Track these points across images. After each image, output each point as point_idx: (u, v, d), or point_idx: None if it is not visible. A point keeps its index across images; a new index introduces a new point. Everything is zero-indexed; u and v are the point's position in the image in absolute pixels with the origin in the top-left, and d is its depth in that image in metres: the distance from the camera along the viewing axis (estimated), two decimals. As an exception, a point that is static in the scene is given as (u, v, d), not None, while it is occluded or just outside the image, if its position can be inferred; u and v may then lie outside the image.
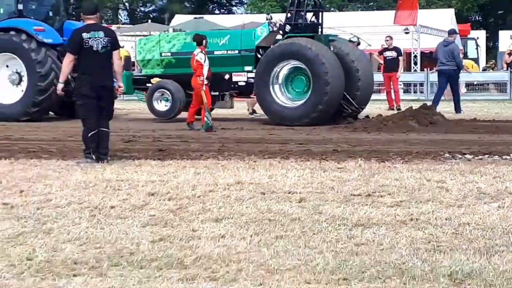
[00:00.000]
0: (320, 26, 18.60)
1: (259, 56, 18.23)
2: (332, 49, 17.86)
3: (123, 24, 53.77)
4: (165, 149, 12.38)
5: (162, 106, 18.79)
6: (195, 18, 36.99)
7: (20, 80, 19.13)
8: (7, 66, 19.29)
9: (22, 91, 19.01)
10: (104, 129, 10.89)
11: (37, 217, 6.98)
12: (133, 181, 9.00)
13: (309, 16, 18.75)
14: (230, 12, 62.43)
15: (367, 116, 18.43)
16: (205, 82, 15.99)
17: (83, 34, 10.74)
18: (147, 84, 19.32)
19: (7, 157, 11.17)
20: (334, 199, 7.81)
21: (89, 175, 9.46)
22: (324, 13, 19.06)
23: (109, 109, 11.10)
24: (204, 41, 16.34)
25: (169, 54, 19.12)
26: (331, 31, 20.51)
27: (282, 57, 17.57)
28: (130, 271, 5.38)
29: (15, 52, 18.91)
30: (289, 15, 18.51)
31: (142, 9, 65.06)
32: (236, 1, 65.62)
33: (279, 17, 19.61)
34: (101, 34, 10.82)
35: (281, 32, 18.41)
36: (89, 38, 10.69)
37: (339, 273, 5.30)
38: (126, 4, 62.92)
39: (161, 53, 19.23)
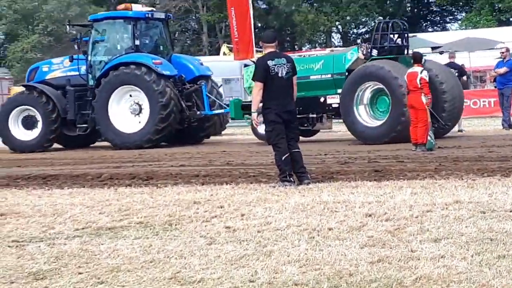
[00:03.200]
0: (406, 48, 19.56)
1: None
2: None
3: (336, 47, 54.26)
4: (381, 170, 12.33)
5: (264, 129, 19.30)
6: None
7: (140, 110, 20.62)
8: (130, 96, 20.83)
9: (139, 122, 20.64)
10: (296, 150, 11.08)
11: (258, 239, 7.17)
12: (350, 202, 9.03)
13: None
14: (444, 29, 61.28)
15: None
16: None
17: (268, 61, 10.99)
18: None
19: (229, 182, 11.57)
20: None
21: (307, 197, 9.60)
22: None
23: (296, 131, 11.34)
24: (423, 59, 16.25)
25: None
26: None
27: (363, 79, 18.48)
28: (349, 292, 5.41)
29: (136, 84, 20.41)
30: (375, 38, 19.34)
31: (355, 30, 65.30)
32: (450, 17, 64.40)
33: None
34: (284, 60, 11.11)
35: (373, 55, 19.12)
36: (274, 65, 10.95)
37: None
38: (339, 27, 63.41)
39: None
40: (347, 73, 19.12)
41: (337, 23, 61.39)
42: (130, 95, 20.88)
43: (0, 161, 18.20)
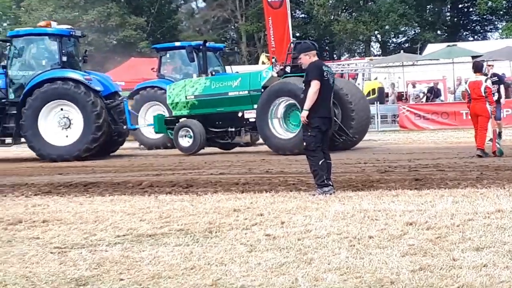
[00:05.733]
0: None
1: None
2: None
3: (375, 56, 54.09)
4: (422, 178, 12.26)
5: (185, 142, 21.56)
6: (448, 46, 36.47)
7: (70, 124, 21.12)
8: (55, 113, 21.15)
9: (67, 136, 21.08)
10: (329, 160, 11.06)
11: (298, 247, 7.17)
12: (390, 211, 8.99)
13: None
14: (484, 38, 60.81)
15: None
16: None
17: (323, 66, 11.02)
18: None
19: (268, 190, 11.58)
20: None
21: (347, 206, 9.57)
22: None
23: (328, 140, 11.33)
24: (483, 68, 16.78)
25: (193, 97, 21.84)
26: None
27: (277, 94, 20.02)
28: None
29: (67, 98, 20.92)
30: (289, 57, 20.80)
31: (394, 40, 65.06)
32: (490, 26, 63.88)
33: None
34: (330, 69, 11.28)
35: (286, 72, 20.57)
36: (326, 71, 10.98)
37: None
38: (378, 36, 63.24)
39: (186, 96, 21.97)
40: (262, 90, 20.58)
41: (376, 32, 61.23)
42: (55, 112, 21.20)
43: (42, 168, 18.40)
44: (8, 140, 22.00)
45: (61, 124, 21.21)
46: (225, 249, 7.18)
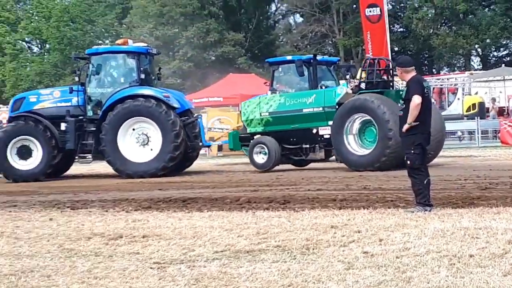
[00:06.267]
0: (391, 83, 21.18)
1: None
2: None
3: (475, 70, 53.15)
4: (525, 195, 11.96)
5: (260, 158, 21.78)
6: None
7: (148, 141, 21.36)
8: (133, 129, 21.43)
9: (151, 150, 21.28)
10: (429, 177, 10.89)
11: (397, 265, 7.08)
12: (492, 229, 8.80)
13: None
14: None
15: None
16: None
17: (423, 82, 10.89)
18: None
19: (366, 206, 11.48)
20: None
21: (447, 223, 9.41)
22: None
23: (427, 157, 11.15)
24: None
25: (267, 114, 22.23)
26: None
27: (352, 111, 20.06)
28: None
29: (147, 116, 21.19)
30: (363, 74, 21.14)
31: (495, 53, 63.78)
32: None
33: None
34: (428, 83, 11.05)
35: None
36: (426, 87, 10.85)
37: None
38: (479, 49, 62.12)
39: (260, 113, 22.37)
40: (337, 106, 20.68)
41: (476, 46, 60.11)
42: (133, 128, 21.52)
43: (143, 184, 18.73)
44: (89, 156, 22.35)
45: (139, 141, 21.56)
46: (322, 266, 7.15)
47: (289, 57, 24.01)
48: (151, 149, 21.43)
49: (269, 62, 24.83)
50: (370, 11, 30.32)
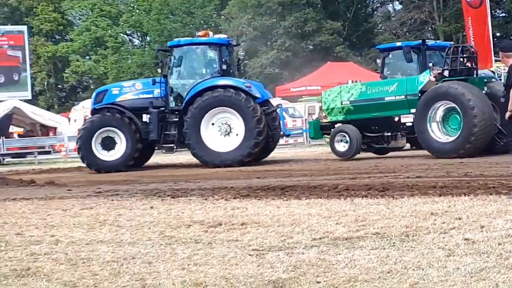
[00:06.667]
0: (475, 70, 21.08)
1: None
2: (486, 89, 20.34)
3: None
4: None
5: (341, 147, 22.00)
6: None
7: (230, 130, 21.64)
8: (215, 121, 21.74)
9: (237, 135, 21.67)
10: None
11: (499, 252, 6.92)
12: None
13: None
14: None
15: None
16: None
17: None
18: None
19: (467, 193, 11.27)
20: None
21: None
22: None
23: None
24: None
25: (348, 102, 22.41)
26: None
27: (436, 98, 20.07)
28: None
29: (229, 106, 21.59)
30: (447, 61, 20.72)
31: None
32: None
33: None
34: None
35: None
36: None
37: None
38: None
39: (341, 102, 22.53)
40: (420, 94, 20.71)
41: None
42: (215, 120, 21.76)
43: (241, 172, 18.88)
44: (173, 146, 22.64)
45: (222, 131, 21.81)
46: (422, 253, 7.06)
47: (398, 44, 23.72)
48: (237, 134, 21.69)
49: (379, 49, 24.62)
50: (471, -4, 29.68)
